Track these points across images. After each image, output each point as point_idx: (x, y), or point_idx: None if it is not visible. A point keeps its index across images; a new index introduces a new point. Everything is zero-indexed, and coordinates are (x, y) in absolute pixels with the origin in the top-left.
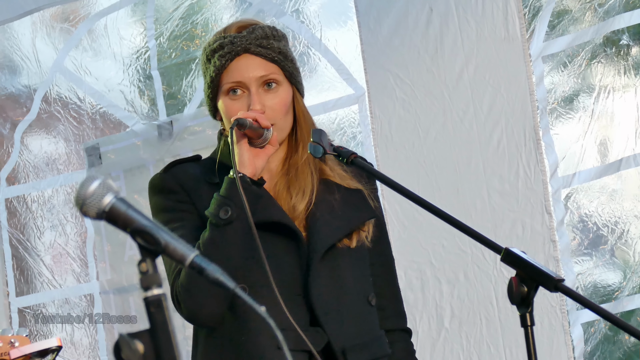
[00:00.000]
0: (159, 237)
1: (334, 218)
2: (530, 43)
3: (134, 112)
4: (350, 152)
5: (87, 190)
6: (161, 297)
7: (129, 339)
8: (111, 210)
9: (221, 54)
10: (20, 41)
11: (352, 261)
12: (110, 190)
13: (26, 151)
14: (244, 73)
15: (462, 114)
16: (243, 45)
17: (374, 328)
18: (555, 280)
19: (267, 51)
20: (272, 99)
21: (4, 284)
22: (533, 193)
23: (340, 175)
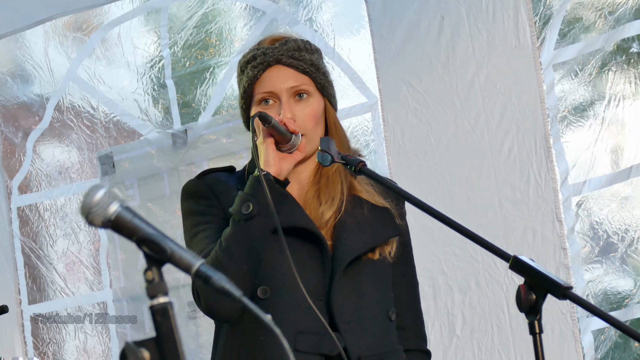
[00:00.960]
0: (165, 245)
1: (361, 231)
2: (541, 51)
3: (147, 120)
4: (359, 161)
5: (93, 199)
6: (167, 305)
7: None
8: (117, 219)
9: (254, 64)
10: (32, 50)
11: (375, 276)
12: (116, 199)
13: (38, 160)
14: (275, 83)
15: (473, 122)
16: (275, 56)
17: (392, 342)
18: (563, 287)
19: (298, 62)
20: (302, 109)
21: (17, 292)
22: (544, 201)
23: (369, 192)
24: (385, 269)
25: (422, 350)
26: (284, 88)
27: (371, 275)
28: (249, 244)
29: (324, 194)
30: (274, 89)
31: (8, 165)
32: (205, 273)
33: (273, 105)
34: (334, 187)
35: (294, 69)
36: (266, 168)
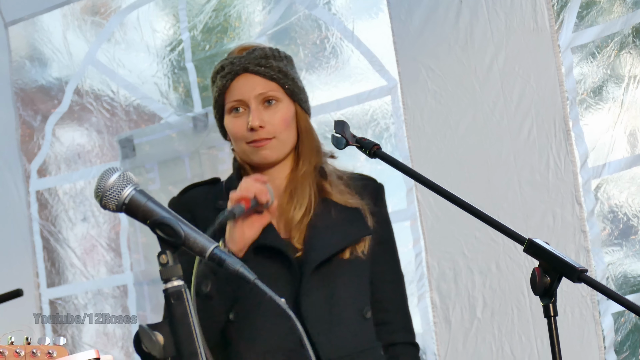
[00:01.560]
0: (179, 229)
1: (330, 233)
2: (559, 34)
3: (168, 104)
4: (373, 143)
5: (107, 183)
6: (182, 288)
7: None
8: (131, 202)
9: (222, 74)
10: (50, 34)
11: (347, 276)
12: (130, 182)
13: (57, 143)
14: (244, 91)
15: (492, 105)
16: (242, 65)
17: (367, 340)
18: (578, 270)
19: (265, 70)
20: (272, 114)
21: (35, 275)
22: (563, 184)
23: (341, 192)
24: (359, 268)
25: (408, 342)
26: (252, 95)
27: (343, 275)
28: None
29: (293, 199)
30: (243, 96)
31: (27, 148)
32: (220, 256)
33: (243, 112)
34: (302, 191)
35: (261, 76)
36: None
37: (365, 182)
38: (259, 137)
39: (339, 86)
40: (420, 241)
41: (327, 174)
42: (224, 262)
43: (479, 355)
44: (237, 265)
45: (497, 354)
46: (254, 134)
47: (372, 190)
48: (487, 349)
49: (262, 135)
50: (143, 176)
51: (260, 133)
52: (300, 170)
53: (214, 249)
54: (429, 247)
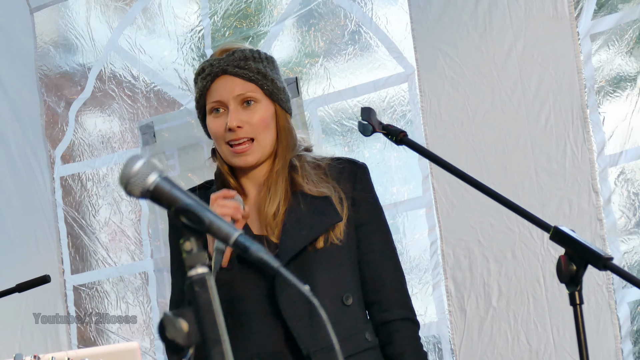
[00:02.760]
0: (203, 215)
1: (300, 226)
2: (578, 21)
3: (188, 90)
4: (400, 131)
5: (132, 170)
6: (206, 275)
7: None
8: (155, 189)
9: (203, 76)
10: (74, 20)
11: (323, 264)
12: (155, 169)
13: (81, 129)
14: (223, 93)
15: (510, 92)
16: (221, 67)
17: (347, 327)
18: (604, 258)
19: (244, 71)
20: (250, 115)
21: (60, 261)
22: (580, 171)
23: (314, 182)
24: (335, 254)
25: (404, 318)
26: (230, 96)
27: (318, 264)
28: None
29: (266, 196)
30: (222, 98)
31: (51, 134)
32: (244, 243)
33: (223, 113)
34: (275, 187)
35: (240, 78)
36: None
37: (343, 165)
38: (237, 137)
39: (356, 73)
40: (436, 229)
41: (298, 166)
42: (248, 249)
43: (494, 344)
44: (261, 252)
45: (512, 343)
46: (233, 134)
47: (349, 173)
48: (503, 337)
49: (240, 135)
50: (163, 162)
51: (238, 133)
52: (274, 168)
53: (239, 236)
54: (445, 235)
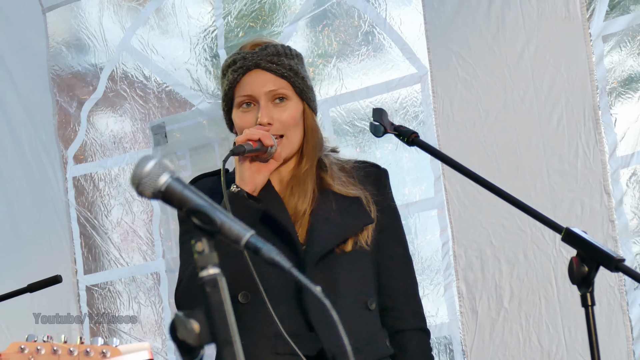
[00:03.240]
0: (215, 216)
1: (330, 225)
2: (591, 22)
3: (199, 91)
4: (411, 132)
5: (143, 170)
6: (217, 276)
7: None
8: (167, 189)
9: (234, 68)
10: (87, 20)
11: (349, 267)
12: (166, 170)
13: (93, 129)
14: (254, 87)
15: (522, 93)
16: (254, 60)
17: (371, 332)
18: (616, 260)
19: (277, 67)
20: (280, 112)
21: (72, 262)
22: (592, 173)
23: (342, 183)
24: (362, 259)
25: (418, 328)
26: (262, 92)
27: (345, 267)
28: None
29: (296, 192)
30: (253, 92)
31: (64, 135)
32: (255, 244)
33: (252, 108)
34: (304, 186)
35: (273, 74)
36: (241, 184)
37: (368, 169)
38: None
39: (369, 73)
40: (448, 230)
41: (327, 165)
42: (259, 250)
43: (506, 345)
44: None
45: (524, 344)
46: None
47: (375, 177)
48: (514, 339)
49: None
50: (174, 163)
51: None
52: (303, 167)
53: (250, 237)
54: (456, 236)
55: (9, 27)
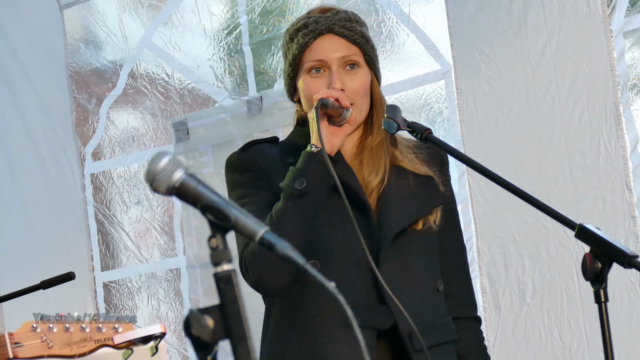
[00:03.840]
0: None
1: (406, 202)
2: (611, 19)
3: (223, 87)
4: (425, 128)
5: (157, 166)
6: (231, 272)
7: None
8: (181, 186)
9: (305, 32)
10: (106, 17)
11: (420, 246)
12: (181, 166)
13: (112, 126)
14: (327, 52)
15: (544, 89)
16: (327, 25)
17: (440, 313)
18: (629, 256)
19: (350, 33)
20: (352, 79)
21: (89, 258)
22: (614, 169)
23: (411, 160)
24: (431, 239)
25: (472, 317)
26: (334, 57)
27: (417, 246)
28: (301, 220)
29: (368, 165)
30: (325, 57)
31: (82, 131)
32: (270, 240)
33: (323, 74)
34: (377, 159)
35: (345, 39)
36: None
37: (431, 150)
38: None
39: (394, 70)
40: (471, 226)
41: (398, 141)
42: (274, 247)
43: (528, 340)
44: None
45: (546, 340)
46: None
47: (439, 158)
48: (536, 334)
49: None
50: (196, 159)
51: None
52: (375, 138)
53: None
54: (480, 232)
55: (25, 24)
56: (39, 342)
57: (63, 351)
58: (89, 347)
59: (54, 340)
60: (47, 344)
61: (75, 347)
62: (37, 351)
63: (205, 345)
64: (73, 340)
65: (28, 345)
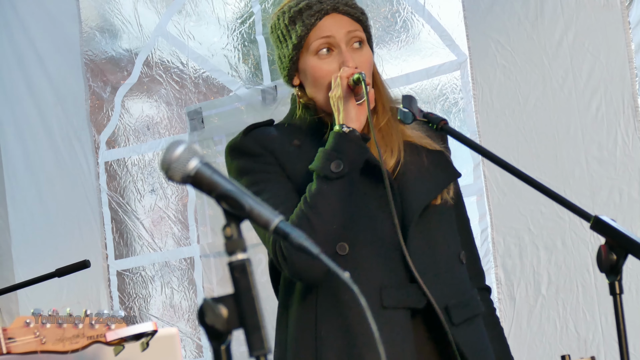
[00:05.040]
0: (244, 201)
1: (425, 178)
2: (630, 10)
3: (237, 76)
4: (441, 119)
5: (173, 155)
6: (245, 262)
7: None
8: (196, 174)
9: (310, 13)
10: (121, 5)
11: (441, 221)
12: (196, 155)
13: (127, 115)
14: (334, 29)
15: (561, 81)
16: (332, 4)
17: (467, 285)
18: None
19: (353, 10)
20: (360, 56)
21: (103, 246)
22: (631, 160)
23: (419, 136)
24: (448, 213)
25: (484, 287)
26: (343, 33)
27: (438, 221)
28: (339, 202)
29: (381, 145)
30: (333, 33)
31: (96, 120)
32: (284, 230)
33: (331, 55)
34: (390, 138)
35: (349, 17)
36: (350, 124)
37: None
38: None
39: (409, 60)
40: (487, 217)
41: None
42: (288, 236)
43: (543, 332)
44: (302, 239)
45: (561, 331)
46: None
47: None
48: (552, 326)
49: None
50: (211, 148)
51: None
52: (382, 117)
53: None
54: (495, 223)
55: (41, 11)
56: (32, 338)
57: (56, 347)
58: (81, 344)
59: (47, 336)
60: (40, 340)
61: (68, 343)
62: (30, 346)
63: (219, 334)
64: (66, 336)
65: (21, 341)
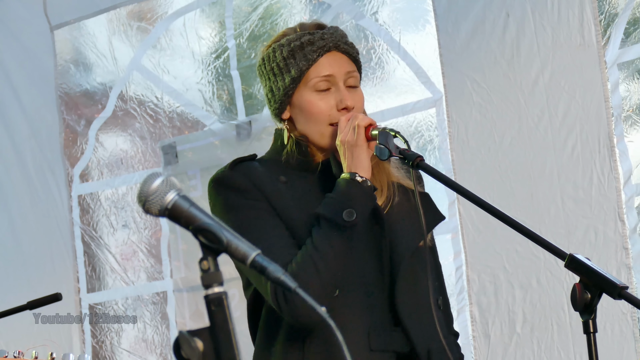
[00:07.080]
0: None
1: (412, 221)
2: (606, 50)
3: (212, 111)
4: (417, 155)
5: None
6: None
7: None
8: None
9: (312, 48)
10: (96, 38)
11: (424, 265)
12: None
13: (101, 148)
14: (334, 68)
15: (537, 119)
16: (333, 41)
17: (445, 331)
18: (619, 287)
19: (352, 50)
20: (355, 96)
21: (75, 280)
22: (606, 200)
23: (403, 176)
24: (431, 256)
25: (454, 333)
26: (342, 72)
27: (421, 264)
28: (345, 250)
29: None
30: (334, 72)
31: (70, 153)
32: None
33: (329, 93)
34: (380, 177)
35: (347, 56)
36: (362, 173)
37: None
38: None
39: (384, 97)
40: (461, 254)
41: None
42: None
43: None
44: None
45: None
46: (342, 114)
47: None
48: None
49: None
50: (185, 183)
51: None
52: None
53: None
54: (470, 261)
55: (16, 44)
56: None
57: None
58: None
59: None
60: None
61: None
62: None
63: None
64: None
65: None
